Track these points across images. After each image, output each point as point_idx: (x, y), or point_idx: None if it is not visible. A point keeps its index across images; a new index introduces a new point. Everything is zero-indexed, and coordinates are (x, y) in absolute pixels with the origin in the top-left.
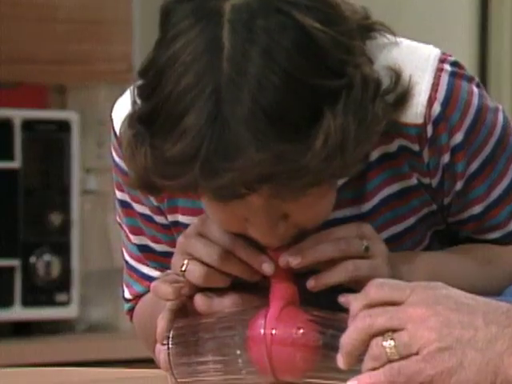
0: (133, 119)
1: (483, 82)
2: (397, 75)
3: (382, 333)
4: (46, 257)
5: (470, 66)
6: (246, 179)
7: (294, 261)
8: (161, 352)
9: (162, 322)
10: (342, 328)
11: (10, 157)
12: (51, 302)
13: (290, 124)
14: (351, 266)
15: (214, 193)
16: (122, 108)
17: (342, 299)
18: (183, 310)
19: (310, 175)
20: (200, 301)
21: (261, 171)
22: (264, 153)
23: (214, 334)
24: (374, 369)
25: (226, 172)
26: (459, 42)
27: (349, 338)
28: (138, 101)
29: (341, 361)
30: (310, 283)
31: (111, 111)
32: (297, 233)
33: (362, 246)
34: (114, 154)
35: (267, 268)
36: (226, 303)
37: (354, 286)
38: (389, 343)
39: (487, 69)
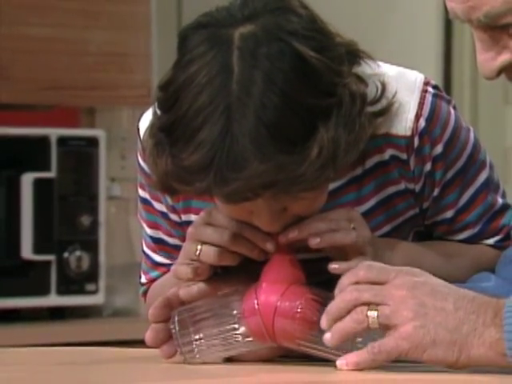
0: (154, 129)
1: None
2: (382, 87)
3: (366, 305)
4: (78, 253)
5: None
6: (252, 187)
7: (291, 234)
8: (149, 329)
9: (154, 304)
10: None
11: (47, 168)
12: (81, 291)
13: (288, 138)
14: (354, 234)
15: (225, 197)
16: (146, 120)
17: (335, 265)
18: (180, 301)
19: (307, 182)
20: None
21: (264, 180)
22: (266, 164)
23: (213, 311)
24: (359, 348)
25: (235, 181)
26: (426, 69)
27: (336, 307)
28: (159, 112)
29: (324, 322)
30: (315, 240)
31: (134, 129)
32: (295, 220)
33: (351, 227)
34: (139, 157)
35: (270, 246)
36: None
37: (339, 255)
38: (372, 313)
39: (450, 94)
